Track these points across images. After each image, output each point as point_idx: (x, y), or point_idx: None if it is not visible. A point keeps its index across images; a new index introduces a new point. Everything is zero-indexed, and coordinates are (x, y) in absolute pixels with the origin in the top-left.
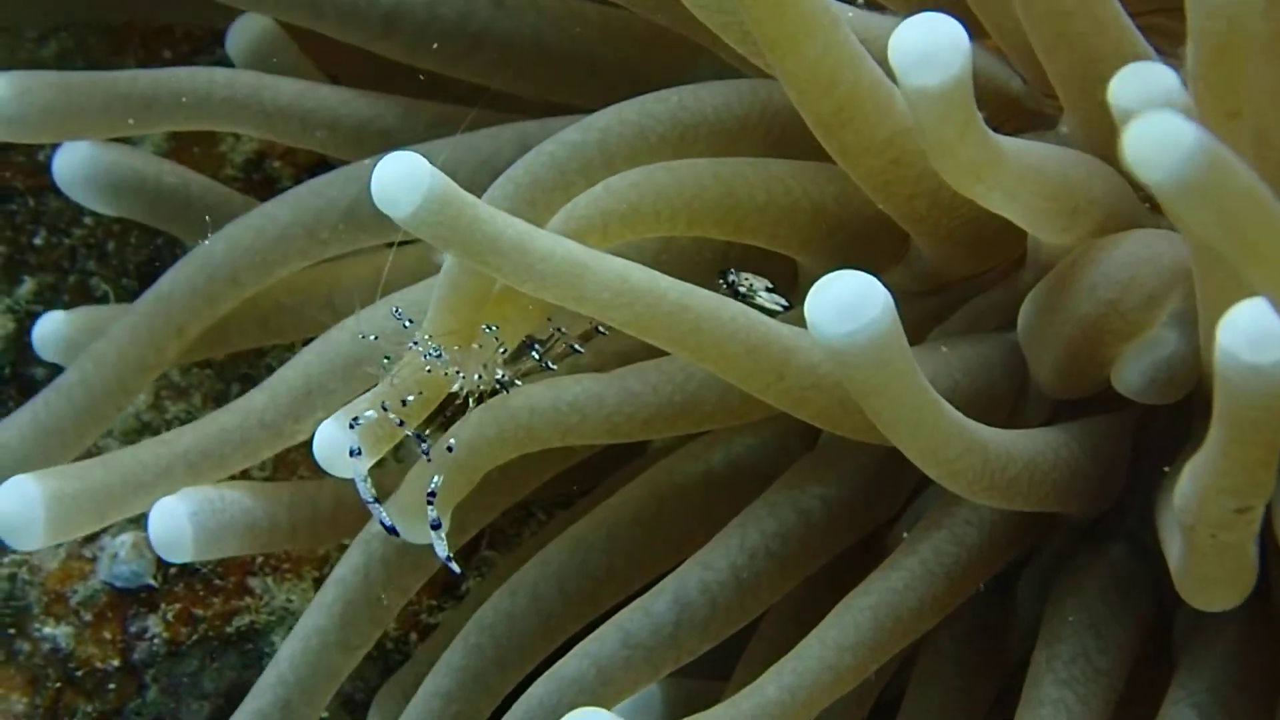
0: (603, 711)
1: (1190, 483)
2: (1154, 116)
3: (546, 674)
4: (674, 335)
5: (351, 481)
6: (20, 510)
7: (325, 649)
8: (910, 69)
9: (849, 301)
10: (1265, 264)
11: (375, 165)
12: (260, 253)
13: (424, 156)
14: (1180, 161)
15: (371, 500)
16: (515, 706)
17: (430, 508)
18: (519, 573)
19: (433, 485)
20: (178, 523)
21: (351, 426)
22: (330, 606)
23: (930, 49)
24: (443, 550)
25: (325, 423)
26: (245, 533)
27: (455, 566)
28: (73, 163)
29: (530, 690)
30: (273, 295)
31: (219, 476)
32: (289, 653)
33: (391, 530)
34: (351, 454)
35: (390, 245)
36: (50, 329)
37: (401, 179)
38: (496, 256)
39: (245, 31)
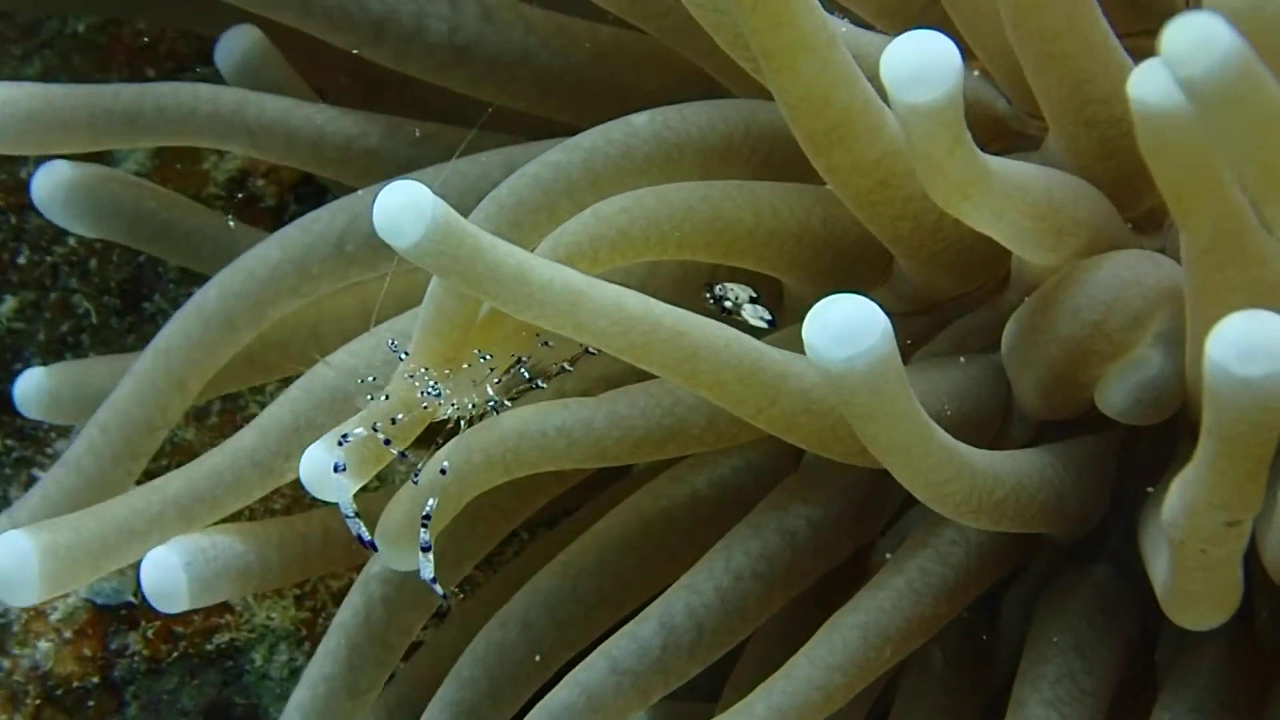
0: None
1: (1179, 497)
2: (1194, 15)
3: (538, 705)
4: (669, 362)
5: (336, 507)
6: (14, 565)
7: (333, 695)
8: (902, 86)
9: (848, 327)
10: None
11: (366, 195)
12: (253, 295)
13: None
14: (1217, 61)
15: (352, 515)
16: None
17: (423, 530)
18: (509, 604)
19: (427, 509)
20: (172, 574)
21: (340, 444)
22: (335, 652)
23: (922, 66)
24: (429, 573)
25: (312, 446)
26: (238, 577)
27: (439, 589)
28: (51, 184)
29: None
30: (260, 334)
31: (212, 519)
32: (299, 702)
33: (370, 546)
34: (336, 469)
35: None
36: (31, 385)
37: (405, 208)
38: (496, 285)
39: (234, 44)
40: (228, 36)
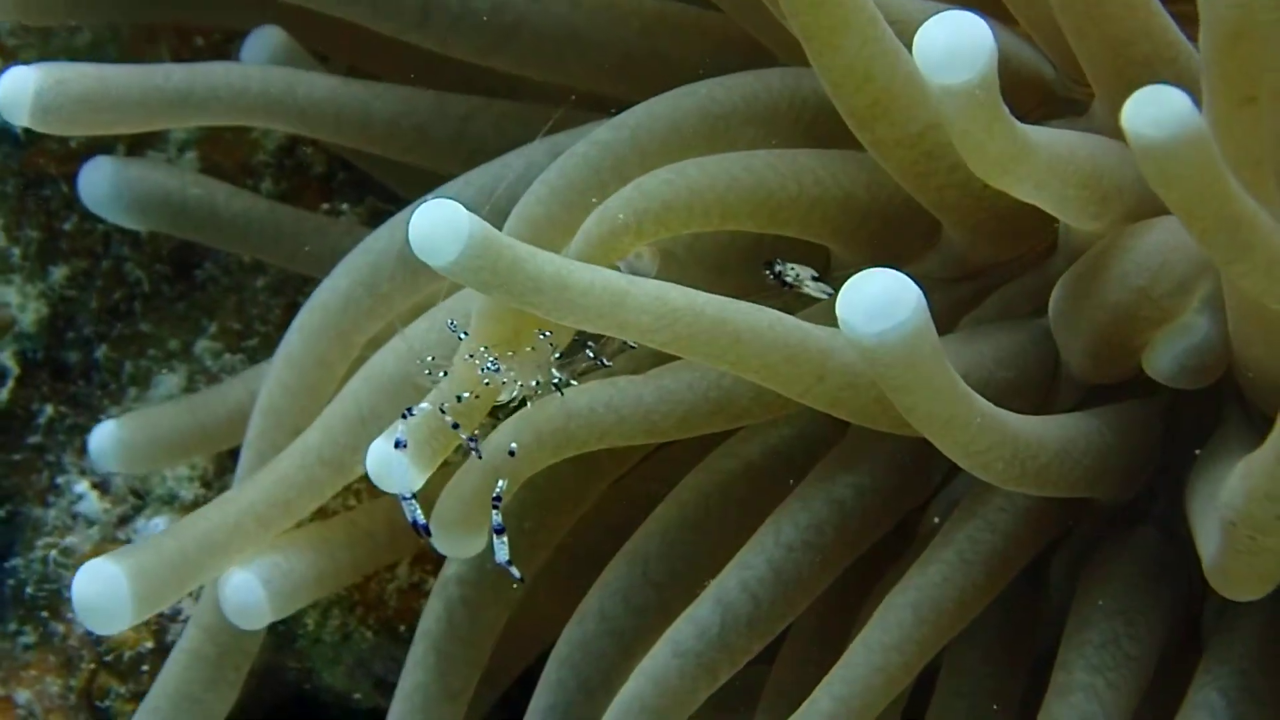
0: None
1: (1240, 481)
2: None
3: (613, 703)
4: (715, 350)
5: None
6: (106, 591)
7: (429, 703)
8: (936, 68)
9: (880, 302)
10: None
11: (415, 206)
12: (333, 328)
13: (463, 184)
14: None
15: (410, 497)
16: None
17: (495, 512)
18: (583, 601)
19: (499, 490)
20: (253, 594)
21: (404, 416)
22: (424, 659)
23: (955, 48)
24: (503, 555)
25: (377, 440)
26: (315, 583)
27: (516, 571)
28: (97, 180)
29: None
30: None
31: (289, 523)
32: (398, 714)
33: (425, 530)
34: (397, 445)
35: None
36: (106, 437)
37: (441, 227)
38: (538, 295)
39: (260, 44)
40: (251, 40)
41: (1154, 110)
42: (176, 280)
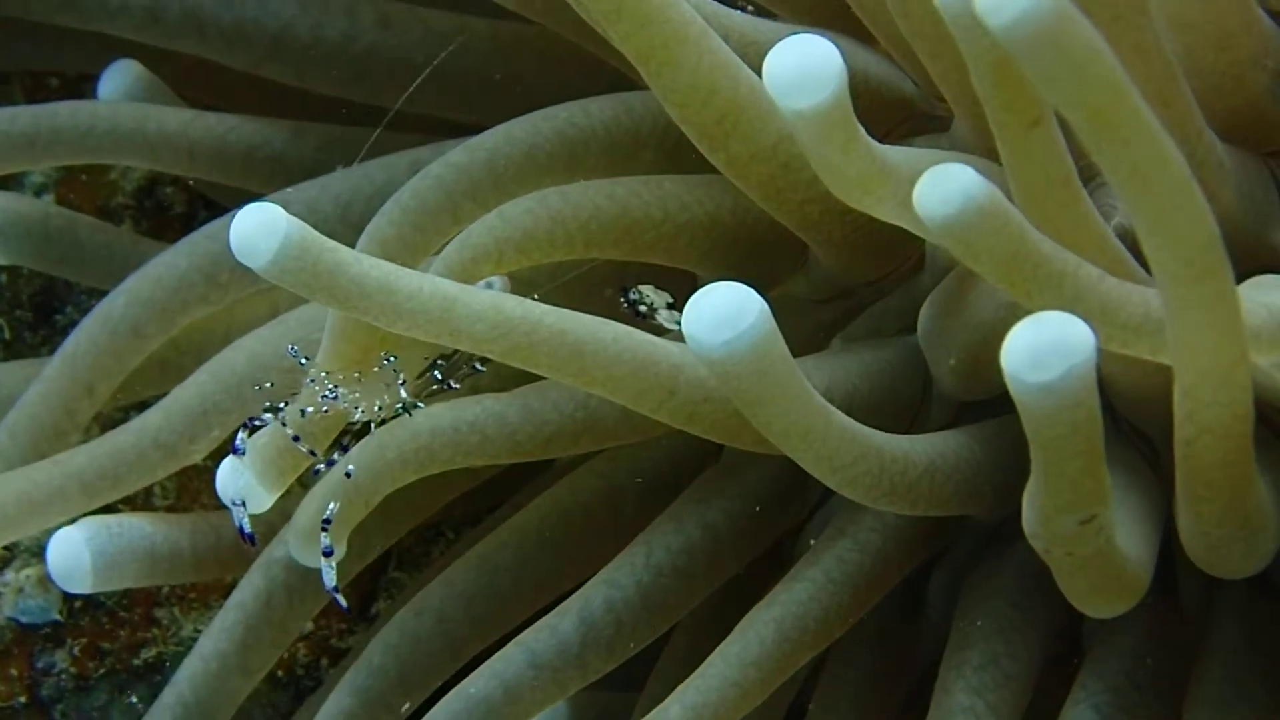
0: None
1: (1030, 509)
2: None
3: (452, 693)
4: (555, 362)
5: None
6: None
7: (225, 672)
8: (785, 92)
9: (724, 311)
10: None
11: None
12: (160, 302)
13: (321, 191)
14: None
15: (239, 504)
16: None
17: (324, 534)
18: (424, 591)
19: (328, 513)
20: (75, 549)
21: (244, 426)
22: (232, 630)
23: (804, 71)
24: (331, 580)
25: (228, 459)
26: (145, 559)
27: (342, 600)
28: None
29: (434, 711)
30: (170, 339)
31: (114, 496)
32: (188, 674)
33: (250, 540)
34: (235, 451)
35: None
36: None
37: (258, 229)
38: (363, 299)
39: (118, 78)
40: (108, 75)
41: (940, 189)
42: (38, 326)
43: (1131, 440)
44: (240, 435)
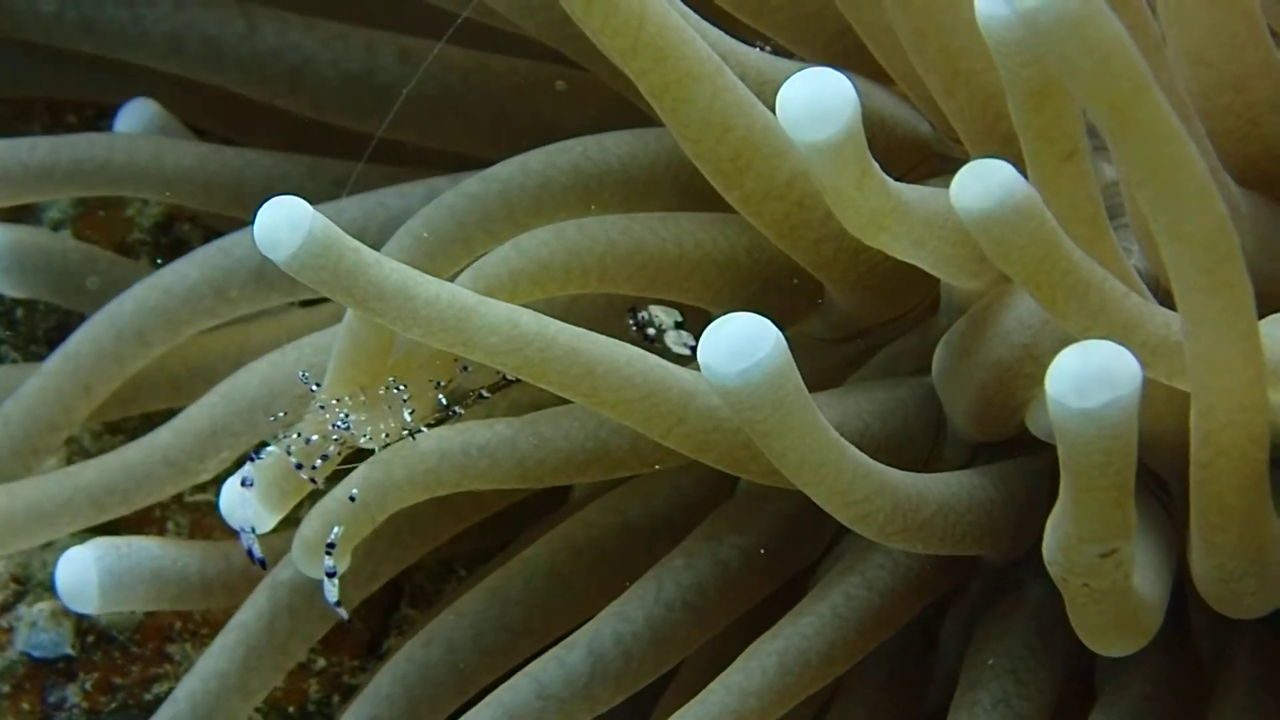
0: None
1: (1052, 535)
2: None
3: None
4: (567, 380)
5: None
6: None
7: (225, 693)
8: (799, 125)
9: (741, 341)
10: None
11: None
12: (168, 312)
13: (336, 215)
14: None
15: (249, 530)
16: None
17: (328, 557)
18: (434, 622)
19: (332, 536)
20: (84, 568)
21: (252, 459)
22: (233, 650)
23: (817, 104)
24: (333, 595)
25: (232, 479)
26: (153, 581)
27: (344, 613)
28: None
29: None
30: (183, 356)
31: (123, 511)
32: (187, 692)
33: (260, 563)
34: (244, 484)
35: (299, 304)
36: None
37: (283, 222)
38: (380, 301)
39: (134, 117)
40: (124, 113)
41: (979, 183)
42: None
43: (1146, 483)
44: (248, 467)
